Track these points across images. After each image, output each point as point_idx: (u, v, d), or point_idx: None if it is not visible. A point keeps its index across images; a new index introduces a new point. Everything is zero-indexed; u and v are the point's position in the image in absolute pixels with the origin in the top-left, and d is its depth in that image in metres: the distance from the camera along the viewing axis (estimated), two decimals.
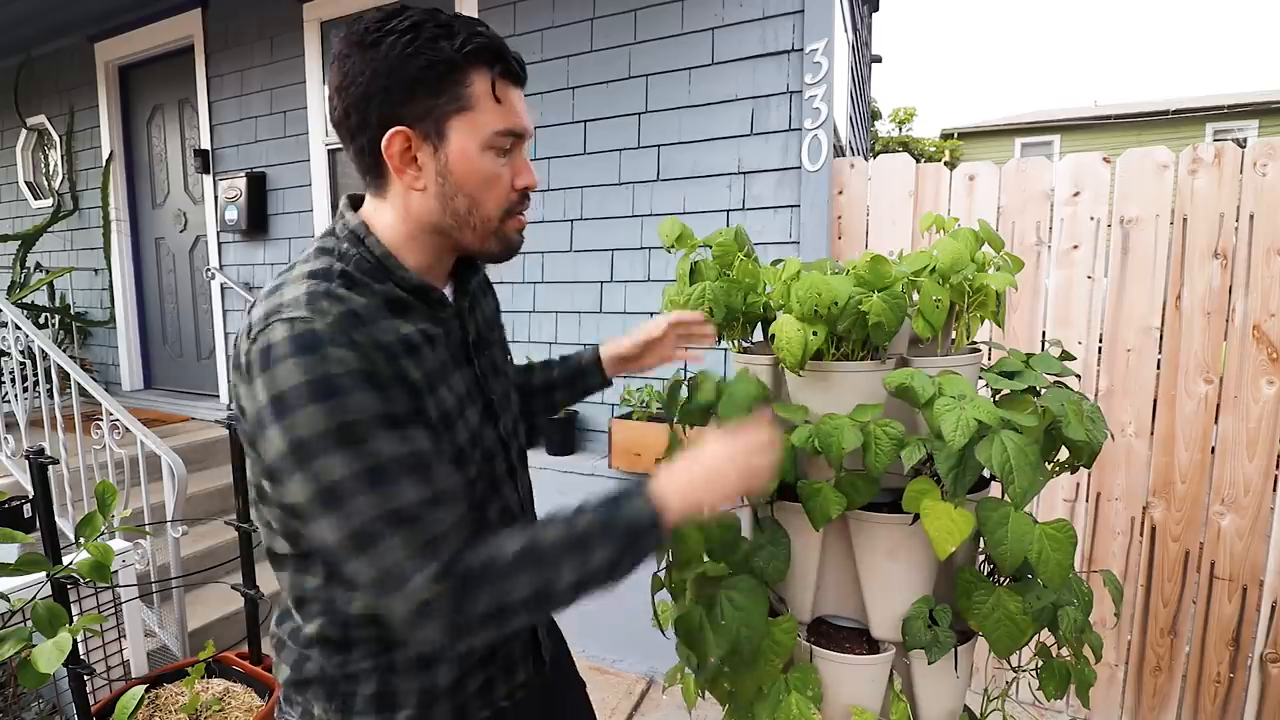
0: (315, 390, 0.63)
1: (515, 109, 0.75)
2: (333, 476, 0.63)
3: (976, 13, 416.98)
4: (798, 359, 0.95)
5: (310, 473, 0.63)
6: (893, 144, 15.71)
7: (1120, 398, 2.00)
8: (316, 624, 0.76)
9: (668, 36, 2.44)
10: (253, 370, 0.65)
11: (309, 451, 0.63)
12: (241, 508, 2.04)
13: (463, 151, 0.73)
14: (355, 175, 0.80)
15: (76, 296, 4.41)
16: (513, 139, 0.75)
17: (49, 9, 3.76)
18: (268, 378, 0.64)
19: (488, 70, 0.72)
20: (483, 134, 0.73)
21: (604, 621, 2.45)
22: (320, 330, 0.64)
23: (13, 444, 2.75)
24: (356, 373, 0.64)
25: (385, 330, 0.69)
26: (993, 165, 2.10)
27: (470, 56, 0.71)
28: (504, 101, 0.73)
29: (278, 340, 0.64)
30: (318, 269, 0.72)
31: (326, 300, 0.67)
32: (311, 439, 0.63)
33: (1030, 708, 2.15)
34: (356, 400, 0.64)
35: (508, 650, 0.87)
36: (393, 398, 0.67)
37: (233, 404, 0.73)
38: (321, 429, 0.63)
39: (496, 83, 0.73)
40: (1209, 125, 13.48)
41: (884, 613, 1.03)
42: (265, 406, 0.64)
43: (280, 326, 0.65)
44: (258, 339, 0.65)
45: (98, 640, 1.84)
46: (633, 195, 2.56)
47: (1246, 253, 1.84)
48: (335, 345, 0.64)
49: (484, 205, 0.76)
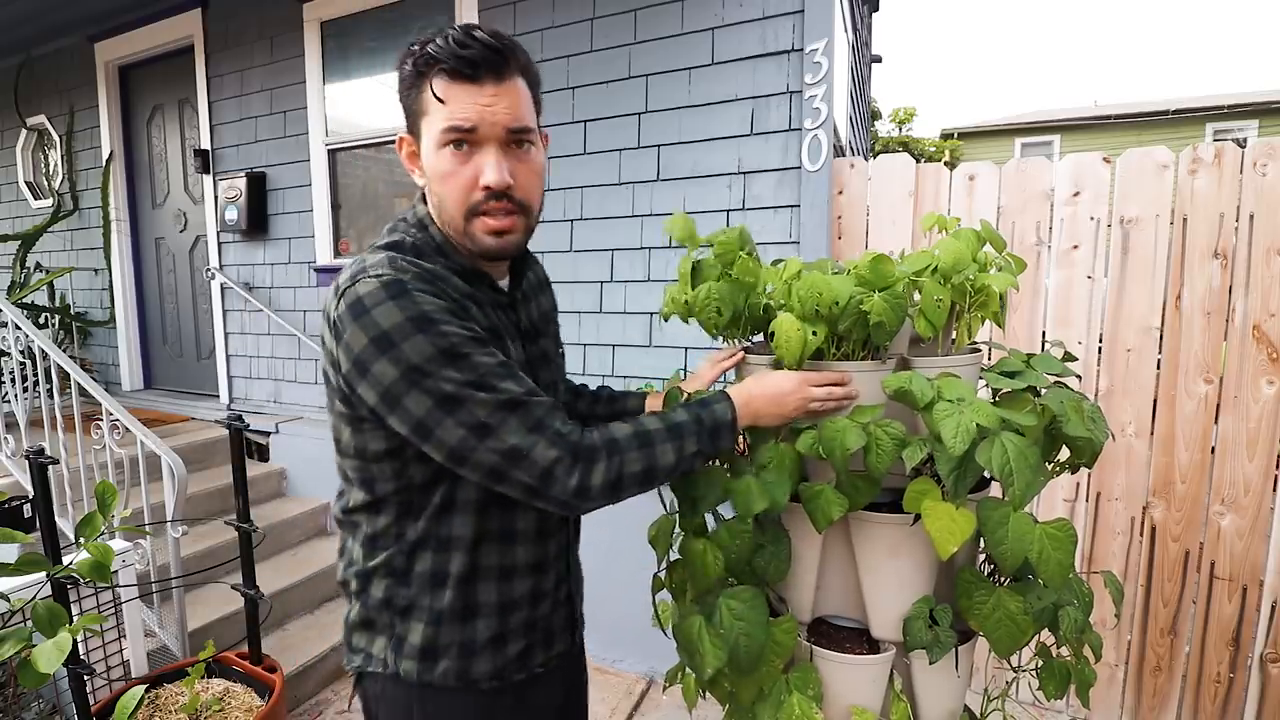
0: (416, 323, 0.74)
1: (458, 106, 0.78)
2: (448, 387, 0.74)
3: (976, 13, 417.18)
4: (796, 358, 0.95)
5: (426, 388, 0.74)
6: (893, 144, 15.71)
7: (1120, 398, 2.00)
8: (385, 554, 0.86)
9: (668, 36, 2.44)
10: (344, 322, 0.75)
11: (423, 372, 0.73)
12: (241, 508, 2.04)
13: (427, 151, 0.83)
14: (356, 175, 0.83)
15: (76, 296, 4.41)
16: (459, 134, 0.79)
17: (49, 9, 3.76)
18: (365, 322, 0.74)
19: (432, 73, 0.79)
20: (434, 133, 0.80)
21: (604, 621, 2.45)
22: (406, 280, 0.76)
23: (13, 444, 2.75)
24: (444, 308, 0.76)
25: (455, 288, 0.81)
26: (993, 165, 2.10)
27: (421, 66, 0.79)
28: (447, 101, 0.79)
29: (367, 292, 0.75)
30: (392, 243, 0.84)
31: (405, 262, 0.79)
32: (423, 362, 0.73)
33: (1030, 708, 2.15)
34: (451, 328, 0.75)
35: (549, 623, 0.95)
36: (473, 328, 0.78)
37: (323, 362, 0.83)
38: (431, 352, 0.73)
39: (433, 84, 0.79)
40: (1209, 125, 13.48)
41: (884, 613, 1.03)
42: (368, 346, 0.74)
43: (368, 281, 0.75)
44: (346, 294, 0.76)
45: (98, 640, 1.84)
46: (633, 195, 2.55)
47: (1246, 253, 1.84)
48: (420, 291, 0.76)
49: (447, 203, 0.83)
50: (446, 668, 0.86)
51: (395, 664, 0.87)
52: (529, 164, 0.84)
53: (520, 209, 0.84)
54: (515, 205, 0.83)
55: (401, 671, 0.87)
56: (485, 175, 0.80)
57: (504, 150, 0.81)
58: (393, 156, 3.30)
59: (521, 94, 0.82)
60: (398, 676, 0.87)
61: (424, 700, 0.87)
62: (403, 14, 3.06)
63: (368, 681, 0.91)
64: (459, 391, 0.74)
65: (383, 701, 0.90)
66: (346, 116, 3.31)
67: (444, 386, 0.74)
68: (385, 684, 0.89)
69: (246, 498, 2.05)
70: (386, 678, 0.88)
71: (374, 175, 3.33)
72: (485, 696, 0.89)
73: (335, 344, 0.77)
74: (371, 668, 0.89)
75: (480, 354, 0.76)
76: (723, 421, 0.88)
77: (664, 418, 0.86)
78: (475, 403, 0.74)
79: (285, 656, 2.34)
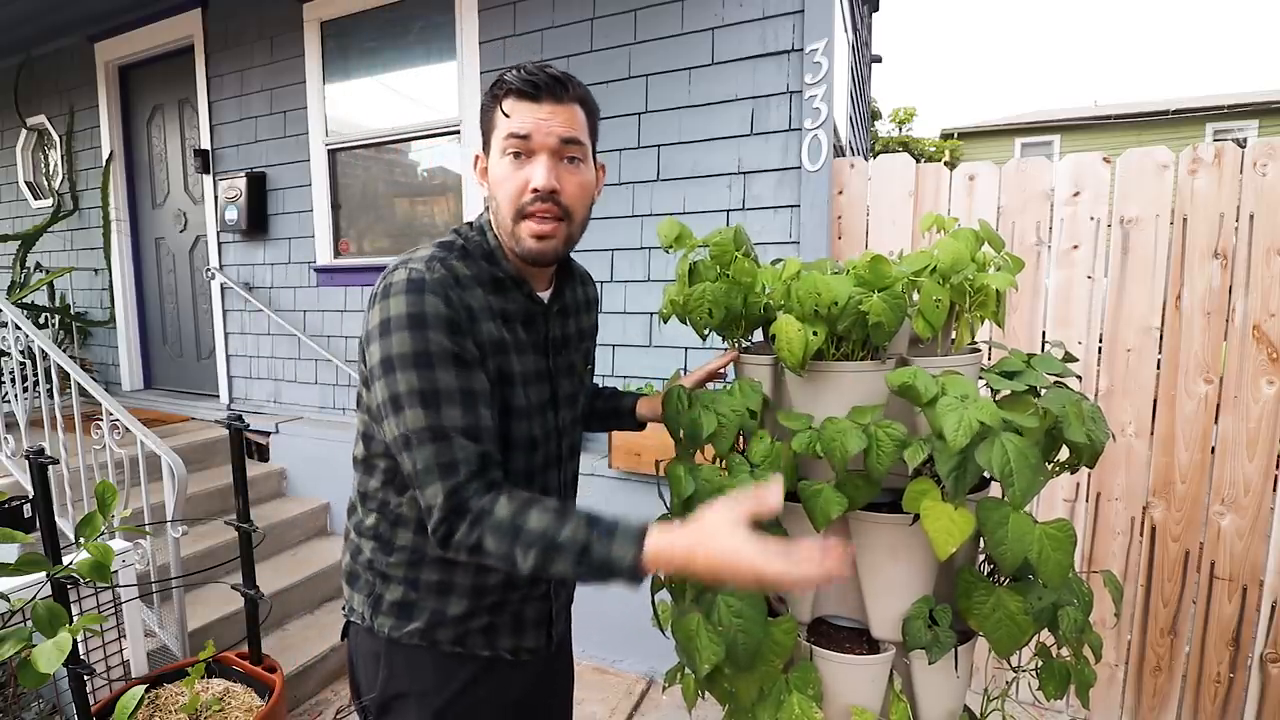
0: (410, 320, 0.83)
1: (519, 119, 0.88)
2: (402, 388, 0.82)
3: (976, 13, 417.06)
4: (798, 359, 0.95)
5: (389, 380, 0.83)
6: (893, 144, 15.70)
7: (1120, 398, 2.00)
8: (373, 517, 0.97)
9: (668, 36, 2.44)
10: (374, 300, 0.86)
11: (391, 364, 0.83)
12: (241, 508, 2.04)
13: (492, 161, 0.92)
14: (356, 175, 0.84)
15: (76, 296, 4.41)
16: (518, 141, 0.88)
17: (49, 9, 3.76)
18: (384, 304, 0.84)
19: (504, 95, 0.89)
20: (499, 141, 0.90)
21: (604, 621, 2.45)
22: (428, 280, 0.84)
23: (13, 444, 2.75)
24: (443, 317, 0.83)
25: (476, 297, 0.89)
26: (993, 165, 2.10)
27: (495, 92, 0.90)
28: (510, 114, 0.89)
29: (396, 281, 0.85)
30: (444, 241, 0.93)
31: (439, 263, 0.87)
32: (396, 355, 0.83)
33: (1030, 708, 2.15)
34: (436, 338, 0.83)
35: (519, 610, 1.02)
36: (463, 345, 0.85)
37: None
38: (407, 350, 0.82)
39: (503, 101, 0.89)
40: (1209, 125, 13.47)
41: (884, 613, 1.03)
42: (377, 325, 0.85)
43: (402, 270, 0.86)
44: (385, 279, 0.87)
45: (98, 640, 1.84)
46: (633, 195, 2.55)
47: (1246, 253, 1.84)
48: (434, 294, 0.84)
49: (501, 205, 0.91)
50: (415, 629, 0.97)
51: (371, 619, 0.99)
52: (577, 176, 0.92)
53: (564, 215, 0.91)
54: (560, 210, 0.90)
55: (375, 626, 0.98)
56: (535, 179, 0.88)
57: (555, 159, 0.89)
58: (393, 157, 3.30)
59: (577, 116, 0.91)
60: (372, 630, 0.99)
61: (391, 653, 0.98)
62: (403, 14, 3.07)
63: (351, 630, 1.05)
64: (406, 396, 0.82)
65: (359, 650, 1.03)
66: (347, 116, 3.31)
67: (399, 386, 0.83)
68: (363, 635, 1.01)
69: (246, 498, 2.05)
70: (364, 629, 1.00)
71: (374, 175, 3.33)
72: (446, 659, 0.98)
73: (368, 313, 0.88)
74: (353, 619, 1.02)
75: (448, 371, 0.83)
76: (617, 566, 0.76)
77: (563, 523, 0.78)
78: (412, 413, 0.82)
79: (285, 656, 2.34)
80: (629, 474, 2.42)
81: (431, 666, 0.98)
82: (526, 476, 0.97)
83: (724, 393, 1.05)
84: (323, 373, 3.43)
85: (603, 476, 2.47)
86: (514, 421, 0.93)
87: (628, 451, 2.39)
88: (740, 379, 1.08)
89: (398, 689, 0.99)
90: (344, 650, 1.03)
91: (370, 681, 1.01)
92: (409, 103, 3.15)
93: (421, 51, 3.07)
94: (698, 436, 1.01)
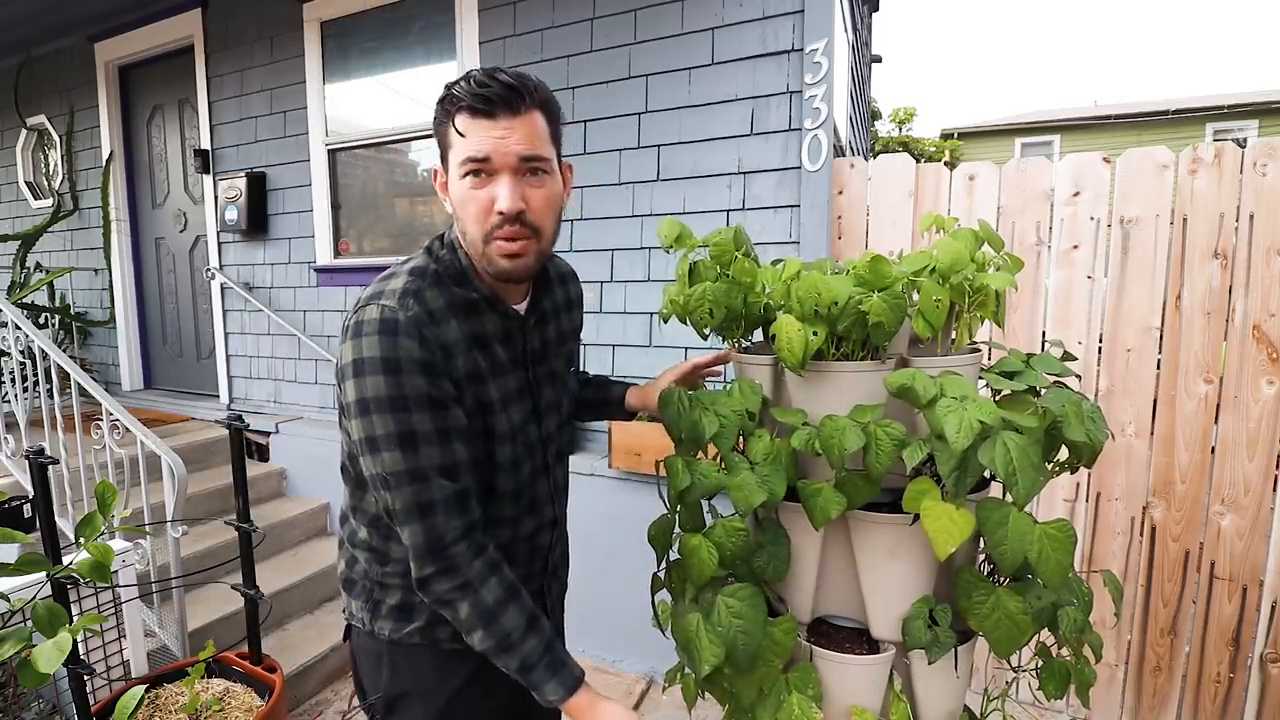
0: (385, 364, 0.82)
1: (475, 139, 0.84)
2: (379, 431, 0.83)
3: (976, 13, 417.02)
4: (799, 359, 0.95)
5: (365, 421, 0.83)
6: (893, 144, 15.70)
7: (1120, 398, 2.00)
8: (365, 530, 0.99)
9: (668, 36, 2.44)
10: (347, 334, 0.85)
11: (367, 406, 0.83)
12: (241, 508, 2.04)
13: (452, 181, 0.89)
14: (356, 175, 0.84)
15: (76, 296, 4.41)
16: (476, 164, 0.85)
17: (49, 9, 3.76)
18: (356, 343, 0.83)
19: (455, 110, 0.85)
20: (456, 163, 0.86)
21: (604, 621, 2.45)
22: (401, 321, 0.83)
23: (13, 444, 2.75)
24: (417, 361, 0.83)
25: (450, 330, 0.88)
26: (993, 165, 2.10)
27: (448, 106, 0.85)
28: (465, 134, 0.85)
29: (368, 319, 0.83)
30: (417, 267, 0.91)
31: (412, 299, 0.85)
32: (371, 399, 0.82)
33: (1030, 708, 2.15)
34: (411, 381, 0.83)
35: None
36: (439, 385, 0.85)
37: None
38: (382, 394, 0.82)
39: (455, 119, 0.85)
40: (1209, 125, 13.47)
41: (884, 613, 1.03)
42: (349, 364, 0.84)
43: (374, 308, 0.84)
44: (359, 312, 0.85)
45: (98, 640, 1.84)
46: (633, 195, 2.55)
47: (1246, 253, 1.84)
48: (408, 336, 0.83)
49: (469, 227, 0.88)
50: (414, 628, 0.99)
51: (370, 624, 1.01)
52: (542, 190, 0.88)
53: (533, 233, 0.89)
54: (528, 229, 0.88)
55: (375, 629, 1.01)
56: (499, 201, 0.85)
57: (517, 178, 0.86)
58: (393, 157, 3.30)
59: (537, 126, 0.87)
60: (373, 633, 1.01)
61: (393, 653, 1.01)
62: (403, 14, 3.06)
63: (352, 632, 1.07)
64: (384, 439, 0.83)
65: (360, 652, 1.06)
66: (346, 116, 3.31)
67: (376, 429, 0.83)
68: (364, 638, 1.04)
69: (246, 498, 2.05)
70: (365, 633, 1.03)
71: (374, 175, 3.33)
72: (446, 656, 1.00)
73: (341, 345, 0.87)
74: (354, 623, 1.05)
75: (424, 414, 0.84)
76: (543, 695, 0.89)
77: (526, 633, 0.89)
78: (390, 457, 0.83)
79: (285, 656, 2.34)
80: (629, 474, 2.42)
81: (432, 665, 1.01)
82: (515, 495, 0.99)
83: (724, 394, 1.05)
84: (323, 373, 3.43)
85: (603, 476, 2.47)
86: (497, 445, 0.95)
87: (628, 451, 2.39)
88: (740, 379, 1.07)
89: (402, 688, 1.01)
90: (344, 650, 1.06)
91: (374, 681, 1.04)
92: (409, 103, 3.15)
93: (421, 51, 3.07)
94: (700, 438, 1.01)
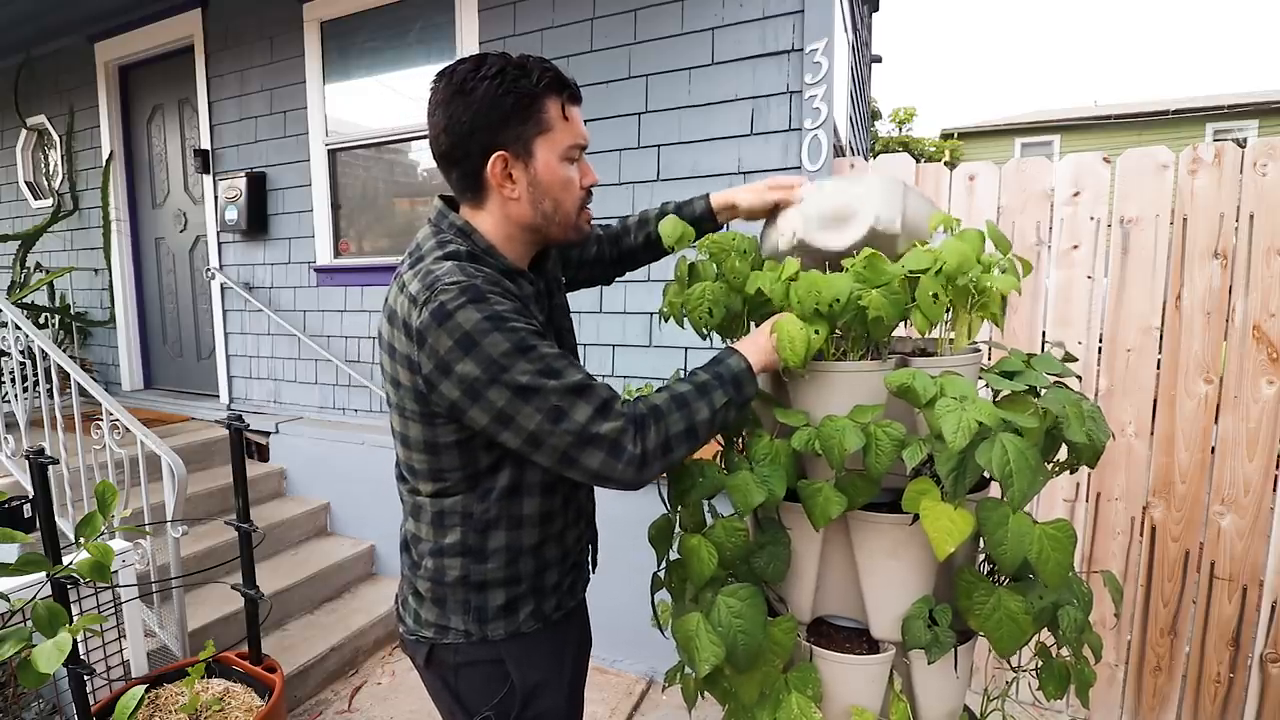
0: (493, 322, 0.83)
1: (579, 125, 0.95)
2: (524, 378, 0.83)
3: (976, 13, 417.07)
4: (800, 358, 0.95)
5: (504, 381, 0.83)
6: (893, 144, 15.69)
7: (1120, 398, 2.00)
8: (456, 534, 0.96)
9: (668, 36, 2.44)
10: (429, 330, 0.83)
11: (501, 366, 0.82)
12: (241, 508, 2.04)
13: (547, 164, 0.93)
14: (356, 175, 0.83)
15: (76, 296, 4.41)
16: (582, 149, 0.96)
17: (49, 9, 3.76)
18: (449, 327, 0.82)
19: (558, 97, 0.92)
20: (560, 148, 0.93)
21: (604, 621, 2.44)
22: (480, 285, 0.85)
23: (13, 444, 2.75)
24: (513, 308, 0.86)
25: (509, 289, 0.90)
26: (993, 165, 2.10)
27: (545, 88, 0.90)
28: (571, 120, 0.94)
29: (449, 299, 0.83)
30: (449, 252, 0.91)
31: (471, 267, 0.88)
32: (500, 357, 0.82)
33: (1030, 708, 2.15)
34: (520, 324, 0.84)
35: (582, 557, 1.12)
36: (535, 324, 0.88)
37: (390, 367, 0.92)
38: (507, 348, 0.82)
39: (565, 106, 0.93)
40: (1209, 125, 13.47)
41: (884, 613, 1.03)
42: (452, 347, 0.82)
43: (448, 289, 0.83)
44: (428, 304, 0.84)
45: (98, 640, 1.84)
46: (633, 195, 2.55)
47: (1246, 253, 1.84)
48: (493, 293, 0.85)
49: (564, 204, 0.96)
50: (526, 614, 1.00)
51: (481, 630, 0.98)
52: None
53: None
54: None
55: (489, 634, 0.99)
56: (589, 177, 0.99)
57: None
58: (393, 157, 3.30)
59: None
60: (486, 639, 0.99)
61: (513, 650, 1.00)
62: (403, 14, 3.07)
63: (441, 652, 1.01)
64: (533, 381, 0.83)
65: (465, 666, 1.01)
66: (346, 116, 3.31)
67: (520, 378, 0.83)
68: (467, 650, 1.00)
69: (246, 498, 2.05)
70: (470, 645, 0.99)
71: (374, 175, 3.33)
72: (554, 627, 1.05)
73: (416, 349, 0.85)
74: (449, 639, 1.00)
75: (545, 346, 0.86)
76: (740, 371, 0.95)
77: (691, 379, 0.94)
78: (548, 390, 0.83)
79: (285, 656, 2.34)
80: None
81: (549, 644, 1.04)
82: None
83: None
84: (323, 373, 3.43)
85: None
86: None
87: None
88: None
89: (534, 679, 1.02)
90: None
91: (488, 692, 1.01)
92: (409, 103, 3.15)
93: (421, 51, 3.07)
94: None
